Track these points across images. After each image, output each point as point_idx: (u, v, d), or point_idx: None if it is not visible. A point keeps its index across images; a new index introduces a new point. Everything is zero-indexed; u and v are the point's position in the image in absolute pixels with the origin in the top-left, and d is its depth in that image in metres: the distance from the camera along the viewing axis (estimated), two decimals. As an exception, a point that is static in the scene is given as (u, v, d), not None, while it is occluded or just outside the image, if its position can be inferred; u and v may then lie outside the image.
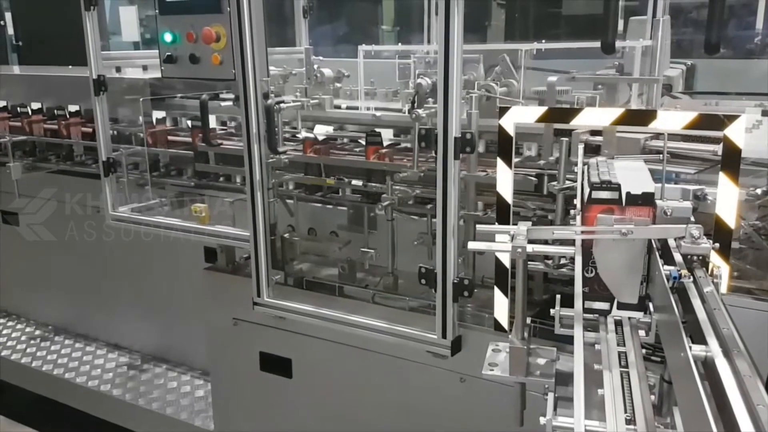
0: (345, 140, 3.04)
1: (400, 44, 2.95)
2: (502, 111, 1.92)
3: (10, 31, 8.97)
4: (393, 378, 2.47)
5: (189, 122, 3.19)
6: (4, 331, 4.15)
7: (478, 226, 1.89)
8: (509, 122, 1.92)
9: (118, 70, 3.17)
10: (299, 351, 2.69)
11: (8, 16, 8.91)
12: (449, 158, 2.04)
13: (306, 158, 2.66)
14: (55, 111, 3.62)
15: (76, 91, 3.51)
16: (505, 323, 2.07)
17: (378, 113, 2.65)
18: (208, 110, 2.62)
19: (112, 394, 3.39)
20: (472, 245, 1.77)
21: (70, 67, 4.01)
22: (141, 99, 2.92)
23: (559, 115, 1.88)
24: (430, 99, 2.37)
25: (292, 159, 2.65)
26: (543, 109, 1.88)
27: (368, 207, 2.64)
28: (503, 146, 1.95)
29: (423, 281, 2.22)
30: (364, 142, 2.85)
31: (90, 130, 3.35)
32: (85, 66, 3.56)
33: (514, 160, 1.89)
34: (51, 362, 3.73)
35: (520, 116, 1.90)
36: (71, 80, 3.67)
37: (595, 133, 2.22)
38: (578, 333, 1.26)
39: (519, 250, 1.67)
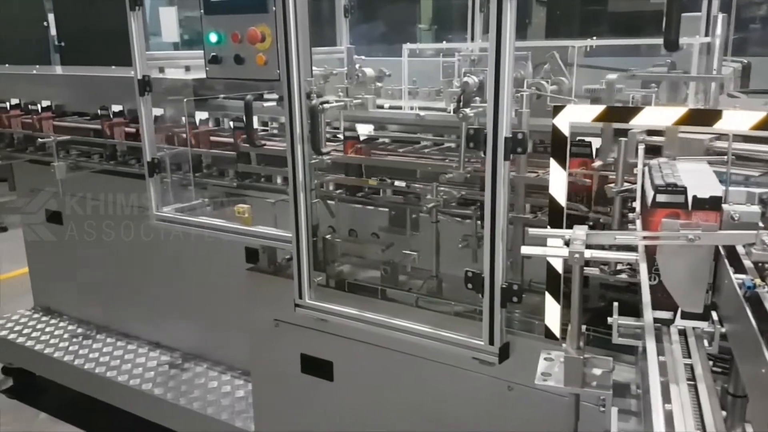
0: (386, 140, 3.01)
1: (444, 42, 2.89)
2: (557, 110, 1.85)
3: (53, 31, 9.19)
4: (437, 384, 2.42)
5: (231, 123, 3.19)
6: (47, 329, 4.21)
7: (530, 230, 1.83)
8: (564, 122, 1.85)
9: (161, 70, 3.17)
10: (341, 354, 2.66)
11: (51, 17, 9.13)
12: (499, 159, 1.98)
13: (349, 159, 2.63)
14: (29, 106, 3.76)
15: (119, 92, 3.55)
16: (556, 330, 2.00)
17: (422, 113, 2.59)
18: (252, 111, 2.59)
19: (154, 393, 3.40)
20: (525, 250, 1.70)
21: (113, 67, 4.07)
22: (185, 100, 2.92)
23: (618, 114, 1.80)
24: (477, 98, 2.31)
25: (334, 160, 2.61)
26: (600, 108, 1.80)
27: (411, 208, 2.59)
28: (557, 146, 1.88)
29: (469, 286, 2.16)
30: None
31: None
32: (126, 66, 3.62)
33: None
34: (93, 360, 3.77)
35: (576, 115, 1.84)
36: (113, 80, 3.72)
37: (651, 133, 2.14)
38: (651, 346, 1.19)
39: (576, 255, 1.61)
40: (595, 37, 2.56)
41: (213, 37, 2.47)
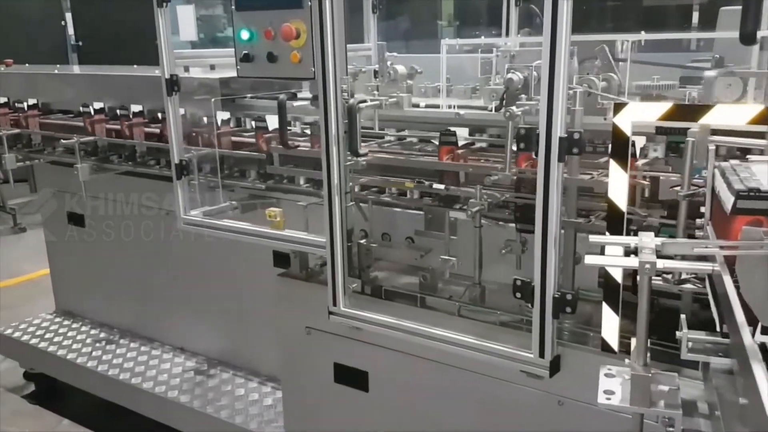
0: (414, 140, 2.90)
1: (483, 37, 2.78)
2: (618, 108, 1.74)
3: (70, 30, 9.16)
4: (480, 397, 2.30)
5: (254, 123, 3.11)
6: (69, 333, 4.13)
7: (591, 237, 1.71)
8: (626, 120, 1.73)
9: (186, 69, 3.07)
10: (376, 364, 2.55)
11: (68, 16, 9.10)
12: (552, 160, 1.86)
13: (385, 160, 2.52)
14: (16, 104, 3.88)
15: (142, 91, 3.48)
16: (614, 343, 1.88)
17: (461, 111, 2.47)
18: (286, 111, 2.49)
19: (180, 401, 3.31)
20: (590, 260, 1.59)
21: (135, 66, 3.99)
22: (212, 99, 2.82)
23: (686, 112, 1.68)
24: (523, 96, 2.20)
25: (369, 161, 2.51)
26: (666, 106, 1.68)
27: (450, 212, 2.48)
28: (618, 147, 1.76)
29: (518, 295, 2.05)
30: (435, 142, 2.71)
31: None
32: (145, 65, 3.56)
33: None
34: (117, 366, 3.68)
35: (639, 114, 1.72)
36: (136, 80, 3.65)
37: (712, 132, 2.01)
38: (760, 374, 1.06)
39: (647, 266, 1.49)
40: (642, 32, 2.44)
41: (245, 35, 2.36)
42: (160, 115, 3.29)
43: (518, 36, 3.20)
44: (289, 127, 2.83)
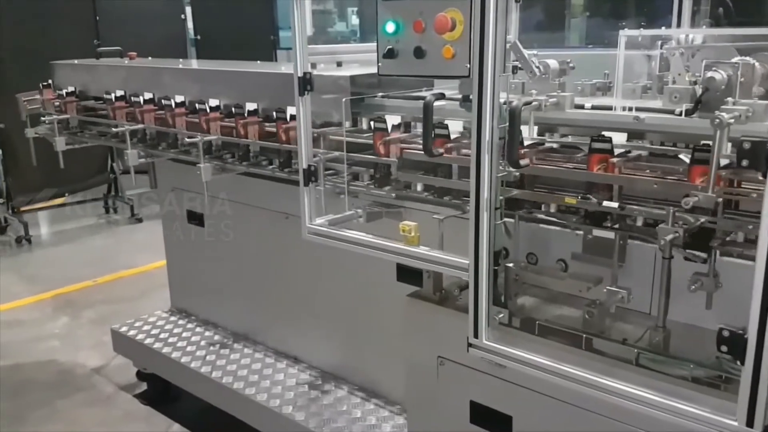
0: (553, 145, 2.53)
1: (663, 28, 2.35)
2: None
3: (190, 25, 9.35)
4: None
5: (372, 123, 2.85)
6: (183, 334, 4.07)
7: None
8: None
9: (314, 66, 2.83)
10: (523, 408, 2.22)
11: (188, 10, 9.29)
12: (790, 184, 1.45)
13: (542, 171, 2.17)
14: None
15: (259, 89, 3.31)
16: None
17: (641, 115, 2.06)
18: (432, 113, 2.18)
19: (295, 419, 3.11)
20: None
21: (258, 62, 3.84)
22: (344, 99, 2.57)
23: None
24: (729, 99, 1.78)
25: (521, 171, 2.16)
26: None
27: (620, 234, 2.10)
28: None
29: (723, 348, 1.64)
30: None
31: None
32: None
33: None
34: (230, 374, 3.55)
35: None
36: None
37: None
38: None
39: None
40: None
41: (390, 27, 2.07)
42: (274, 113, 3.09)
43: (703, 27, 2.72)
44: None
